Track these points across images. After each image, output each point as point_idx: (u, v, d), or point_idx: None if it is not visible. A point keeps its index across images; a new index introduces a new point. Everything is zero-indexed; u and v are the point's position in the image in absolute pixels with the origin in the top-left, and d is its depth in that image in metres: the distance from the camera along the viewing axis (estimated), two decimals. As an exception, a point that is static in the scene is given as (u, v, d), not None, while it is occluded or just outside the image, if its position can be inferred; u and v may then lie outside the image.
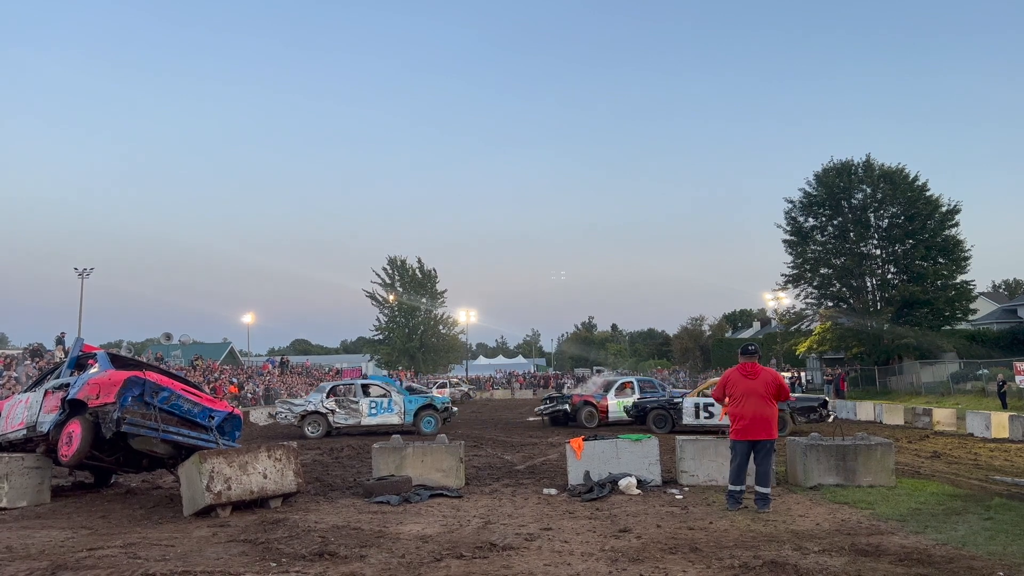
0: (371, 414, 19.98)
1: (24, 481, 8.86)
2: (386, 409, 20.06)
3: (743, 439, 7.81)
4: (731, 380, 8.01)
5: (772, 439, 7.80)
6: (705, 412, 18.34)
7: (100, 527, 7.43)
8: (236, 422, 9.82)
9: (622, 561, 5.56)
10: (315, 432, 19.45)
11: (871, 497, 8.19)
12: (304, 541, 6.39)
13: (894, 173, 42.07)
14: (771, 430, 7.75)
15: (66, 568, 5.55)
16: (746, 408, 7.76)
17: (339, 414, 19.81)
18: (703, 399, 18.65)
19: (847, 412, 24.77)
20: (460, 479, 9.65)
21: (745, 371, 7.93)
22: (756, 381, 7.84)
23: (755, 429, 7.73)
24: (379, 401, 20.16)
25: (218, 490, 7.68)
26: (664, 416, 18.84)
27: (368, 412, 19.97)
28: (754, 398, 7.76)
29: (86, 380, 8.76)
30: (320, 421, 19.75)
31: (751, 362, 8.00)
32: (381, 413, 20.03)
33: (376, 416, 19.99)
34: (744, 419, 7.76)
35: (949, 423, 19.71)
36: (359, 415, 19.93)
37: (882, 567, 5.30)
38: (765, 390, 7.79)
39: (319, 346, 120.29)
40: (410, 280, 64.62)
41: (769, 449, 7.80)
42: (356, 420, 19.88)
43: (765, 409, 7.75)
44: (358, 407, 19.98)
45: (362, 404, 20.04)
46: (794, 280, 45.12)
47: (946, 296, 40.48)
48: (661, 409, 19.04)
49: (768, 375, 7.97)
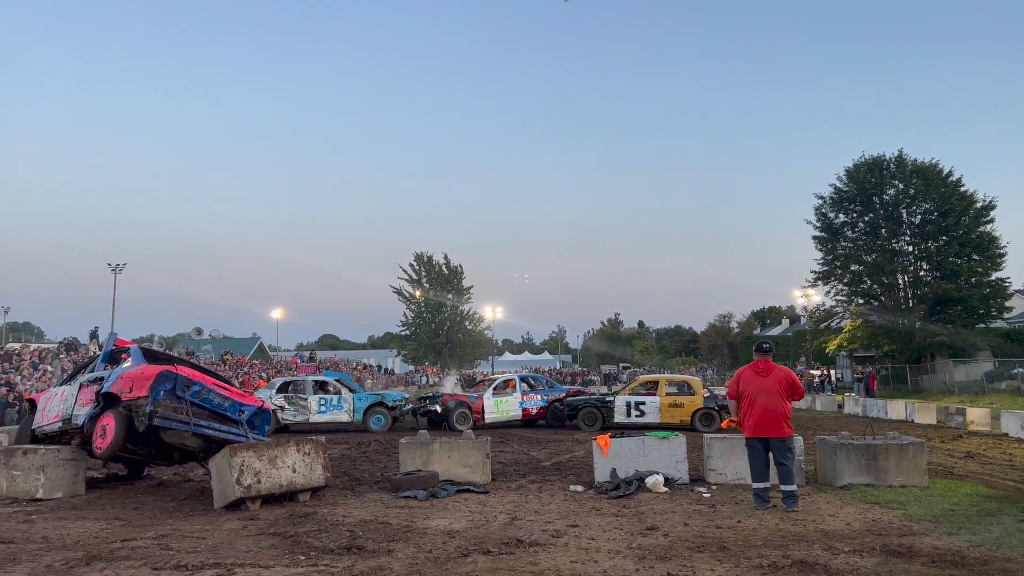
0: (320, 411, 19.80)
1: (60, 473, 9.03)
2: (335, 406, 19.89)
3: (756, 436, 7.79)
4: (744, 377, 7.99)
5: (787, 436, 7.76)
6: (636, 410, 18.49)
7: (133, 518, 7.56)
8: (265, 416, 9.92)
9: (649, 559, 5.54)
10: None
11: (903, 497, 8.07)
12: (332, 535, 6.44)
13: (927, 169, 41.38)
14: (784, 428, 7.71)
15: (100, 558, 5.66)
16: (758, 406, 7.74)
17: (288, 411, 19.65)
18: (634, 397, 18.85)
19: (878, 411, 24.42)
20: (486, 475, 9.68)
21: (758, 368, 7.90)
22: (769, 378, 7.81)
23: (767, 426, 7.70)
24: (328, 398, 20.01)
25: (248, 483, 7.77)
26: (594, 414, 18.74)
27: (317, 409, 19.80)
28: (766, 395, 7.74)
29: (119, 374, 8.91)
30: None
31: (765, 360, 7.96)
32: (330, 410, 19.86)
33: (325, 413, 19.82)
34: (755, 417, 7.74)
35: (983, 423, 19.34)
36: (307, 412, 19.74)
37: (914, 568, 5.22)
38: (778, 388, 7.76)
39: (347, 341, 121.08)
40: (436, 276, 64.86)
41: (786, 447, 7.74)
42: (304, 417, 19.70)
43: (778, 406, 7.72)
44: (307, 404, 19.83)
45: (311, 401, 19.87)
46: (824, 277, 44.61)
47: (980, 294, 39.79)
48: (593, 407, 18.95)
49: (781, 373, 7.94)
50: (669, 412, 18.30)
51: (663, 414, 18.27)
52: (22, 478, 8.93)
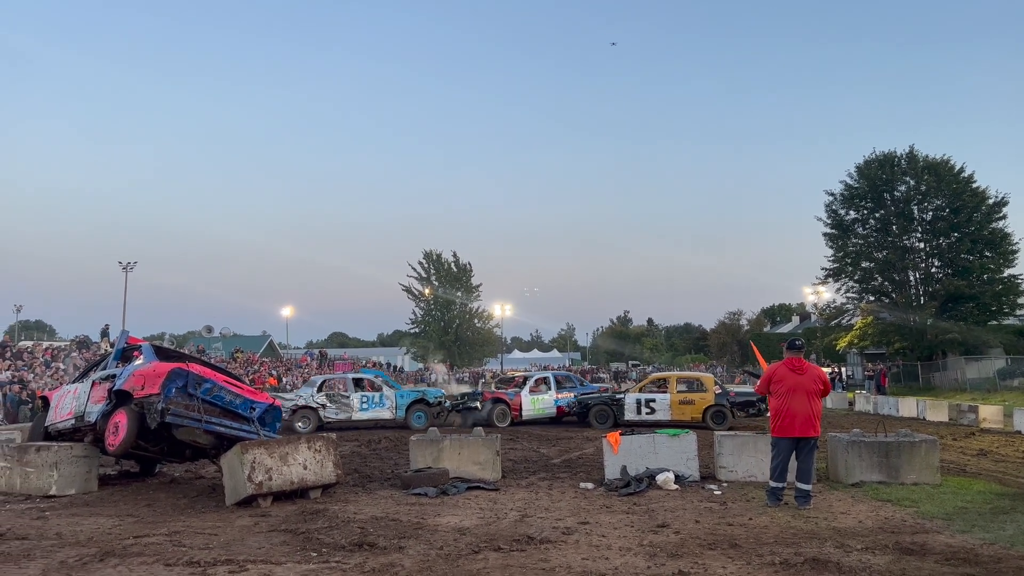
0: (362, 409, 19.53)
1: (73, 470, 9.09)
2: (377, 404, 19.61)
3: (787, 436, 7.70)
4: (778, 375, 7.85)
5: (816, 436, 7.70)
6: (647, 408, 18.40)
7: (145, 515, 7.60)
8: (276, 413, 9.96)
9: (660, 556, 5.53)
10: (305, 427, 18.57)
11: (915, 495, 8.03)
12: (343, 532, 6.47)
13: (939, 165, 41.05)
14: (817, 427, 7.65)
15: (113, 554, 5.70)
16: (793, 405, 7.65)
17: (330, 408, 19.37)
18: (644, 395, 18.79)
19: (889, 408, 24.28)
20: (497, 472, 9.69)
21: (793, 366, 7.78)
22: (804, 377, 7.70)
23: (801, 426, 7.62)
24: (370, 396, 19.74)
25: (259, 480, 7.81)
26: (606, 412, 18.69)
27: (359, 407, 19.52)
28: (801, 394, 7.64)
29: (131, 371, 8.96)
30: (311, 416, 19.07)
31: (798, 357, 7.87)
32: (372, 408, 19.57)
33: (367, 411, 19.53)
34: (790, 416, 7.65)
35: (996, 420, 19.20)
36: (350, 409, 19.45)
37: (927, 566, 5.19)
38: (813, 387, 7.69)
39: (356, 339, 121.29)
40: (445, 274, 64.88)
41: (813, 446, 7.70)
42: (347, 415, 19.43)
43: (812, 406, 7.65)
44: (349, 401, 19.56)
45: (353, 398, 19.61)
46: (835, 274, 44.32)
47: (993, 290, 39.46)
48: (603, 405, 18.91)
49: (815, 371, 7.87)
50: (680, 409, 18.25)
51: (674, 411, 18.18)
52: (35, 475, 9.00)
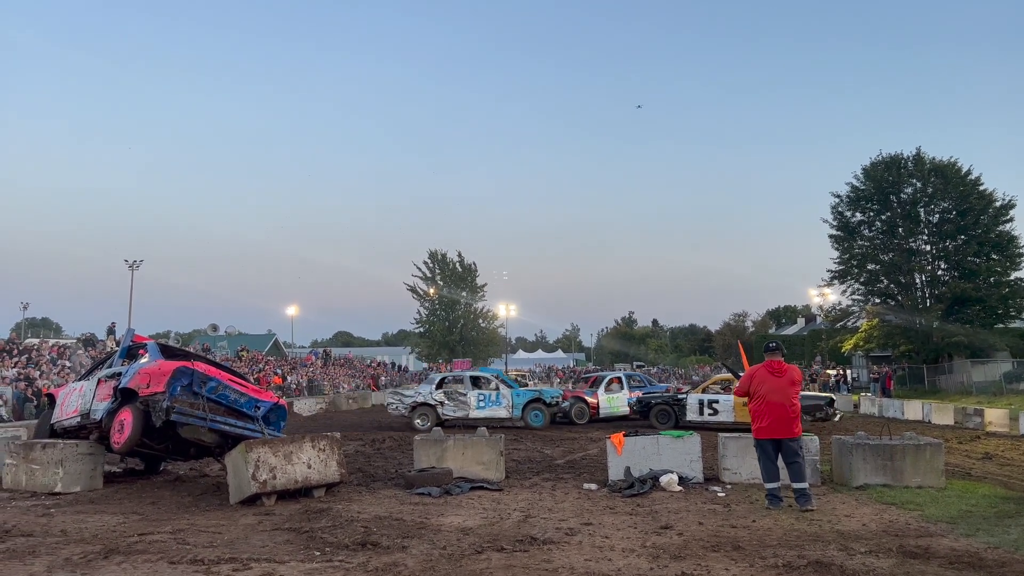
0: (479, 407, 19.50)
1: (78, 467, 9.12)
2: (494, 402, 19.56)
3: (767, 438, 7.78)
4: (758, 377, 7.93)
5: (797, 437, 7.75)
6: (710, 409, 18.14)
7: (150, 513, 7.62)
8: (281, 412, 9.98)
9: (663, 558, 5.53)
10: (424, 424, 18.84)
11: (920, 498, 8.00)
12: (347, 531, 6.48)
13: (946, 167, 40.91)
14: (795, 427, 7.72)
15: (118, 552, 5.72)
16: (771, 406, 7.73)
17: (448, 406, 19.45)
18: (707, 396, 18.50)
19: (894, 411, 24.24)
20: (500, 472, 9.69)
21: (772, 368, 7.87)
22: (783, 379, 7.80)
23: (779, 427, 7.69)
24: (487, 394, 19.73)
25: (263, 479, 7.82)
26: (667, 412, 18.59)
27: (476, 405, 19.51)
28: (779, 396, 7.73)
29: (137, 369, 8.99)
30: (429, 413, 19.35)
31: (778, 359, 7.93)
32: (489, 406, 19.53)
33: (484, 409, 19.48)
34: (768, 417, 7.72)
35: (1002, 424, 19.14)
36: (467, 407, 19.46)
37: (931, 570, 5.18)
38: (792, 388, 7.76)
39: (361, 338, 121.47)
40: (450, 274, 64.90)
41: (796, 446, 7.73)
42: (464, 412, 19.39)
43: (790, 407, 7.72)
44: (466, 399, 19.57)
45: (470, 396, 19.63)
46: (840, 276, 44.19)
47: (999, 293, 39.33)
48: (665, 405, 18.83)
49: (795, 373, 7.94)
50: (744, 411, 18.02)
51: (738, 413, 17.60)
52: (41, 472, 9.02)
